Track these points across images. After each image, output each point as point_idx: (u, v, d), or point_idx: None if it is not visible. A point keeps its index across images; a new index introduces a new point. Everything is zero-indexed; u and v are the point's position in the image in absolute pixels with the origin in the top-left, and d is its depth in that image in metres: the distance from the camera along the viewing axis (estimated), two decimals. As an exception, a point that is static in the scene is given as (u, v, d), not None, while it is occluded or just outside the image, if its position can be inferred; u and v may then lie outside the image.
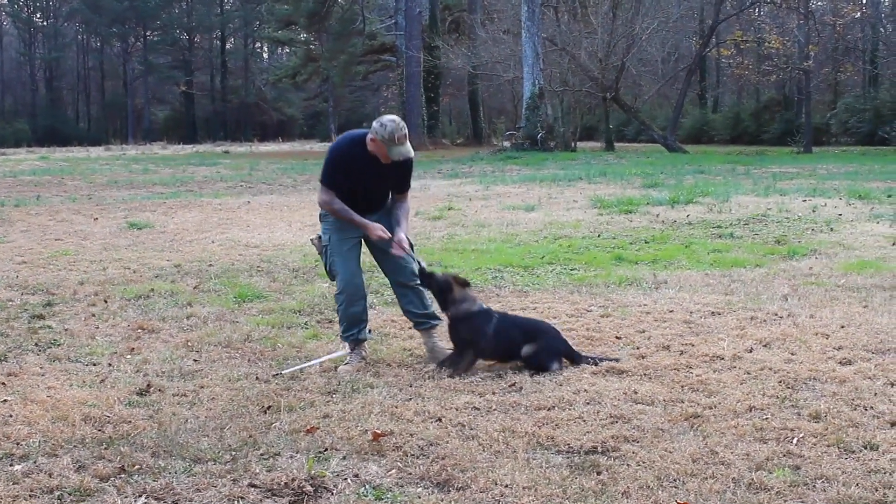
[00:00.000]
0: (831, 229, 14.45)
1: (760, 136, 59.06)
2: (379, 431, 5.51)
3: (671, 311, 8.81)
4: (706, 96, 70.85)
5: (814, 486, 4.81)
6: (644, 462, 5.10)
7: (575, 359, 7.11)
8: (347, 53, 60.09)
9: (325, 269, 7.64)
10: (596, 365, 6.99)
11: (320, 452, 5.29)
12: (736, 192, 20.64)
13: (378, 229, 7.25)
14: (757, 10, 59.59)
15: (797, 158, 38.64)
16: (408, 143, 7.13)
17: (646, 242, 13.46)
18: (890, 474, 4.91)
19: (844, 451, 5.27)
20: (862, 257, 11.81)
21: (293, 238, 14.32)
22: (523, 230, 14.95)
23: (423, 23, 57.17)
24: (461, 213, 17.68)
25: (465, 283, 7.34)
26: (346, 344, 7.42)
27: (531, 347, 7.00)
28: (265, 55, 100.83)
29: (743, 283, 10.30)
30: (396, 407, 6.05)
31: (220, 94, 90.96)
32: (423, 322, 7.55)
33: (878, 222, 15.19)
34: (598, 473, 4.97)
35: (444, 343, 7.45)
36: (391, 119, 7.14)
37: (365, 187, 7.36)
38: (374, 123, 7.15)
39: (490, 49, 51.12)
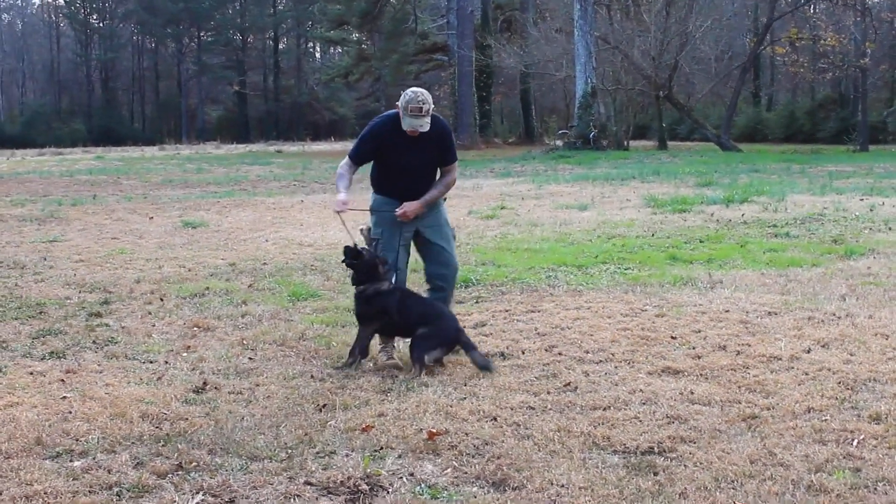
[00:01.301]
0: (889, 228, 14.25)
1: (815, 134, 58.40)
2: (434, 430, 5.51)
3: (727, 311, 8.73)
4: (760, 94, 70.18)
5: (874, 488, 4.75)
6: (701, 463, 5.06)
7: (466, 346, 7.13)
8: (399, 53, 60.14)
9: None
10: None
11: (376, 451, 5.30)
12: (791, 190, 20.43)
13: (339, 204, 7.41)
14: (812, 7, 58.95)
15: (853, 157, 38.18)
16: (424, 118, 7.20)
17: (700, 242, 13.35)
18: (953, 477, 4.84)
19: (906, 453, 5.20)
20: (921, 257, 11.66)
21: (346, 237, 14.32)
22: (576, 229, 14.89)
23: (475, 22, 57.09)
24: (514, 212, 17.65)
25: (384, 263, 7.45)
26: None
27: (424, 330, 7.06)
28: (317, 55, 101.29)
29: (800, 282, 10.18)
30: (451, 406, 6.05)
31: (272, 93, 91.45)
32: None
33: (937, 221, 14.97)
34: (655, 474, 4.93)
35: None
36: (414, 90, 7.29)
37: (401, 164, 7.44)
38: (402, 93, 7.32)
39: (542, 48, 50.91)
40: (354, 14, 61.06)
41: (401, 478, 4.94)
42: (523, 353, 7.43)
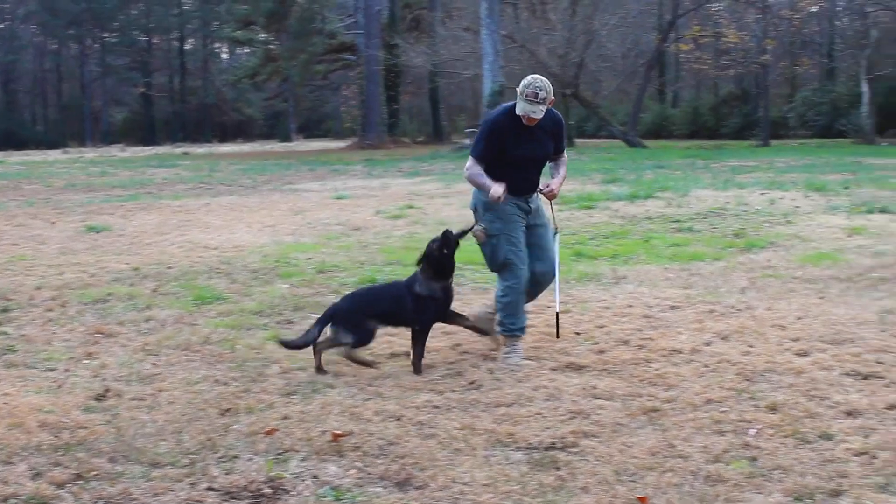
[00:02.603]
0: (789, 222, 14.56)
1: (719, 130, 59.32)
2: (338, 432, 5.50)
3: (630, 306, 8.85)
4: (666, 91, 71.12)
5: (770, 476, 4.86)
6: (603, 457, 5.12)
7: None
8: (307, 53, 59.74)
9: (487, 257, 7.55)
10: None
11: (279, 454, 5.27)
12: (695, 186, 20.75)
13: (499, 191, 7.17)
14: (715, 4, 59.93)
15: (756, 152, 38.87)
16: (538, 105, 7.10)
17: (605, 238, 13.50)
18: (845, 463, 4.98)
19: (801, 441, 5.33)
20: (819, 249, 11.93)
21: (252, 239, 14.26)
22: (484, 227, 14.92)
23: (383, 21, 57.04)
24: (422, 211, 17.66)
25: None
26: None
27: None
28: (224, 55, 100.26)
29: (702, 276, 10.37)
30: (356, 407, 6.04)
31: (179, 95, 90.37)
32: None
33: (834, 214, 15.33)
34: (557, 469, 4.99)
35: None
36: (533, 77, 7.25)
37: (517, 155, 7.31)
38: None
39: (450, 47, 50.98)
40: (261, 14, 60.55)
41: (304, 480, 4.92)
42: (429, 352, 7.44)
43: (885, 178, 22.19)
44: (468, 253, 12.15)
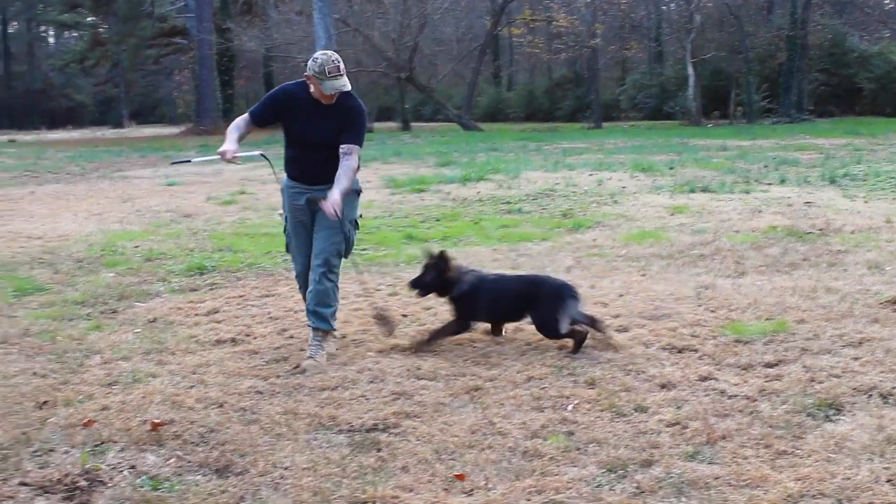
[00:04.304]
0: (615, 202, 14.92)
1: (553, 112, 60.45)
2: (158, 421, 5.42)
3: (458, 288, 8.92)
4: (501, 75, 71.99)
5: (586, 450, 4.98)
6: (423, 436, 5.17)
7: None
8: (137, 37, 58.47)
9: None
10: None
11: (96, 446, 5.16)
12: (526, 168, 21.07)
13: (229, 153, 7.05)
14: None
15: (587, 134, 39.72)
16: (343, 78, 6.76)
17: (437, 220, 13.60)
18: (657, 434, 5.14)
19: (616, 414, 5.47)
20: (643, 228, 12.25)
21: (78, 228, 13.88)
22: (316, 212, 14.87)
23: (214, 4, 56.11)
24: (254, 196, 17.52)
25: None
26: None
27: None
28: (51, 39, 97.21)
29: (529, 256, 10.53)
30: (178, 395, 5.95)
31: (3, 80, 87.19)
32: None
33: (658, 194, 15.77)
34: (378, 450, 5.02)
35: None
36: (323, 53, 6.85)
37: (297, 138, 7.03)
38: (309, 62, 6.84)
39: (283, 31, 50.57)
40: (87, -4, 59.06)
41: (121, 471, 4.83)
42: (255, 338, 7.40)
43: (708, 158, 22.96)
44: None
